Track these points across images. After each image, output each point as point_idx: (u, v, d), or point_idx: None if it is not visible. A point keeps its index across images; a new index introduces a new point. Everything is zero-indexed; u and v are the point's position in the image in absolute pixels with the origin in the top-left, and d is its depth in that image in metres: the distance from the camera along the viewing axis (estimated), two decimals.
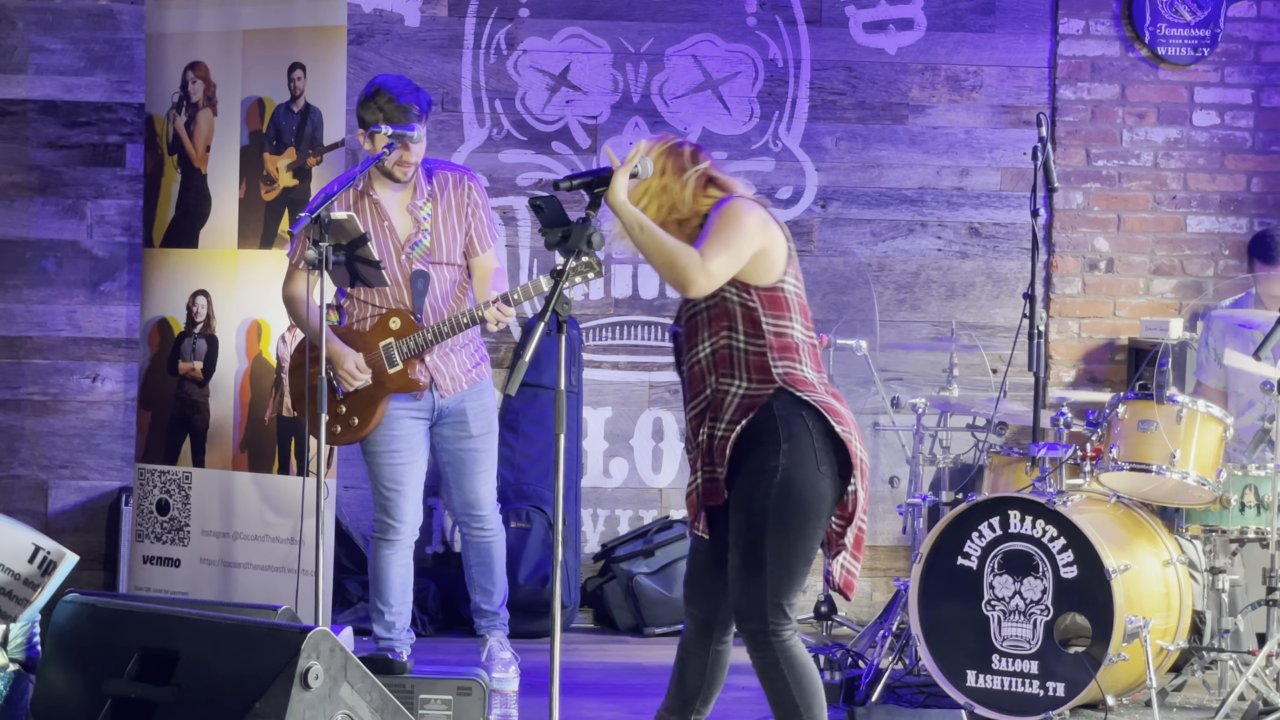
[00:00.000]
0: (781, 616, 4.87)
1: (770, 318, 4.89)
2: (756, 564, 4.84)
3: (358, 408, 6.58)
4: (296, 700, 4.14)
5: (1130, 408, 6.66)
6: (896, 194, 8.54)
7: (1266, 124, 8.63)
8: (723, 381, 4.89)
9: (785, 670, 4.87)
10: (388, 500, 6.60)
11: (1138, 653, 6.31)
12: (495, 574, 6.75)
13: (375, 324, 6.57)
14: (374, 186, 6.60)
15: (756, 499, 4.83)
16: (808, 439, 4.84)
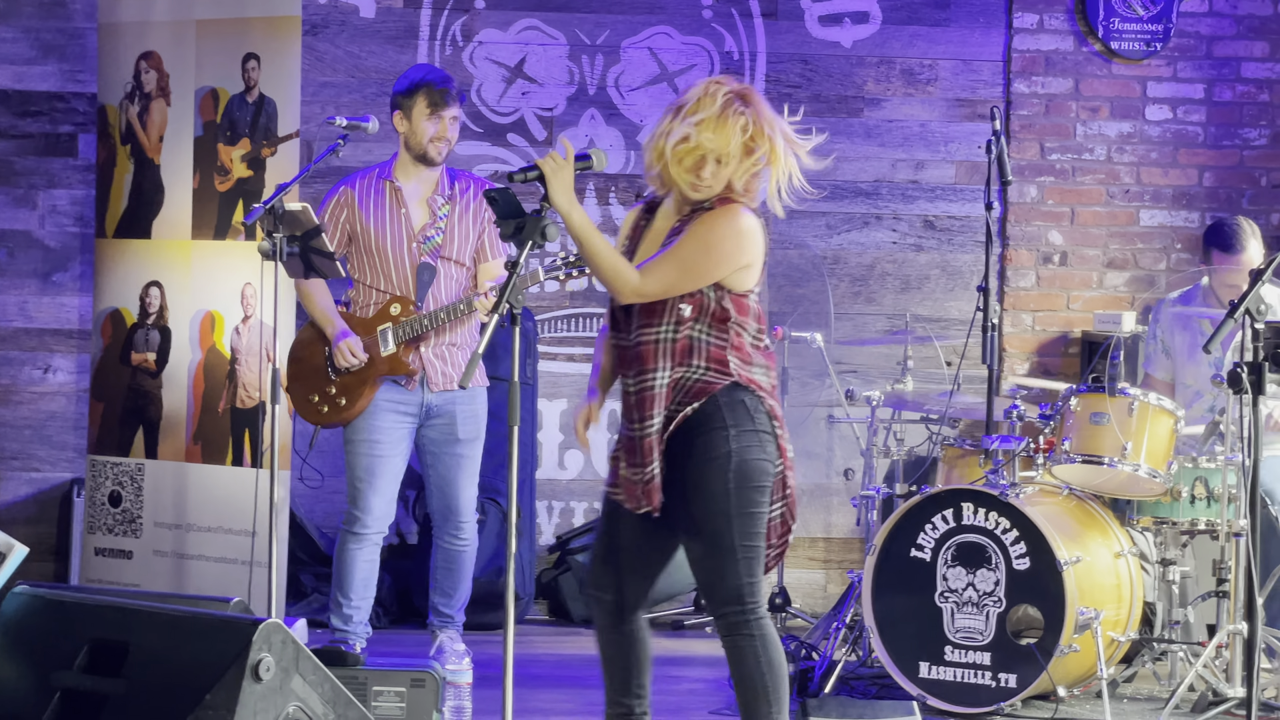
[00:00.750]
0: (755, 594, 4.92)
1: (738, 319, 4.91)
2: (727, 549, 4.86)
3: (347, 389, 6.57)
4: (248, 692, 4.12)
5: (1083, 400, 6.69)
6: (852, 187, 8.56)
7: (1218, 118, 8.68)
8: (679, 369, 4.89)
9: (759, 650, 4.89)
10: (358, 492, 6.58)
11: (1089, 644, 6.34)
12: (459, 580, 6.74)
13: (378, 310, 6.58)
14: (398, 174, 6.63)
15: (714, 486, 4.85)
16: (750, 423, 4.88)
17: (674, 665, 7.21)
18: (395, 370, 6.54)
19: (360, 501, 6.57)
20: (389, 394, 6.57)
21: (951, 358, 7.83)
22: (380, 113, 8.14)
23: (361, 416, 6.56)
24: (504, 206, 4.80)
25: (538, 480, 8.35)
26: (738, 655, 4.93)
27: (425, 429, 6.63)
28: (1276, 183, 8.69)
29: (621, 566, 5.03)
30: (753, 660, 4.91)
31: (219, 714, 4.09)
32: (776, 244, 8.49)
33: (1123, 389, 6.63)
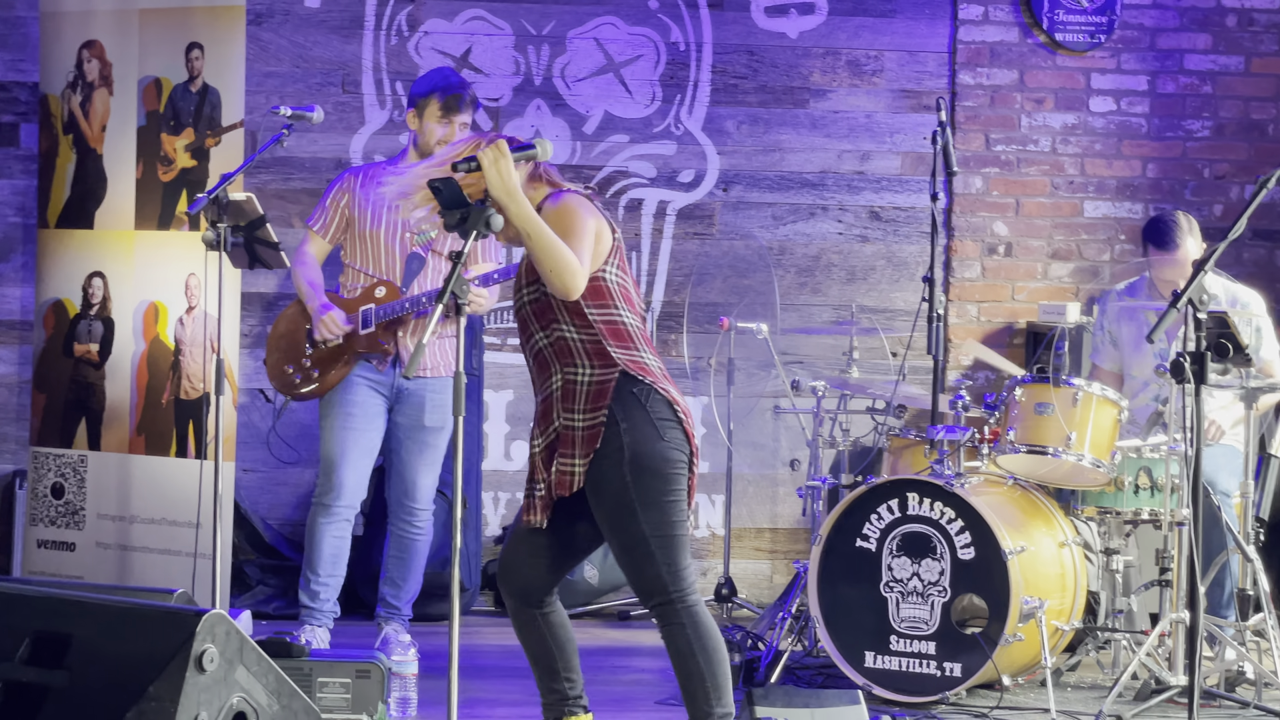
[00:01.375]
0: (680, 581, 4.91)
1: (594, 307, 4.92)
2: (639, 542, 4.89)
3: (322, 362, 6.64)
4: (191, 683, 4.11)
5: (1027, 391, 6.71)
6: (798, 178, 8.57)
7: (1162, 110, 8.73)
8: (568, 370, 4.93)
9: (692, 636, 4.90)
10: (331, 465, 6.63)
11: (1033, 633, 6.37)
12: (410, 571, 6.77)
13: (363, 291, 6.66)
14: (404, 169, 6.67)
15: (613, 483, 4.88)
16: (643, 413, 4.89)
17: (620, 655, 7.21)
18: (371, 348, 6.61)
19: (332, 475, 6.62)
20: (363, 372, 6.65)
21: (897, 348, 7.87)
22: (324, 102, 8.14)
23: (337, 390, 6.63)
24: (447, 197, 4.80)
25: (484, 471, 8.34)
26: (671, 643, 4.95)
27: (394, 414, 6.69)
28: (1219, 174, 8.74)
29: (528, 557, 5.06)
30: (685, 647, 4.93)
31: (162, 705, 4.07)
32: (722, 234, 8.52)
33: (1067, 379, 6.66)
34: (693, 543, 8.48)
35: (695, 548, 8.49)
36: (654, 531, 4.89)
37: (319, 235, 6.73)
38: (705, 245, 8.53)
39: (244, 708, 4.25)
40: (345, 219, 6.71)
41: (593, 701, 5.35)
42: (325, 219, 6.73)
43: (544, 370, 4.99)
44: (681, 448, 4.94)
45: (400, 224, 6.64)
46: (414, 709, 6.02)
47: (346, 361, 6.64)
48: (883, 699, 6.39)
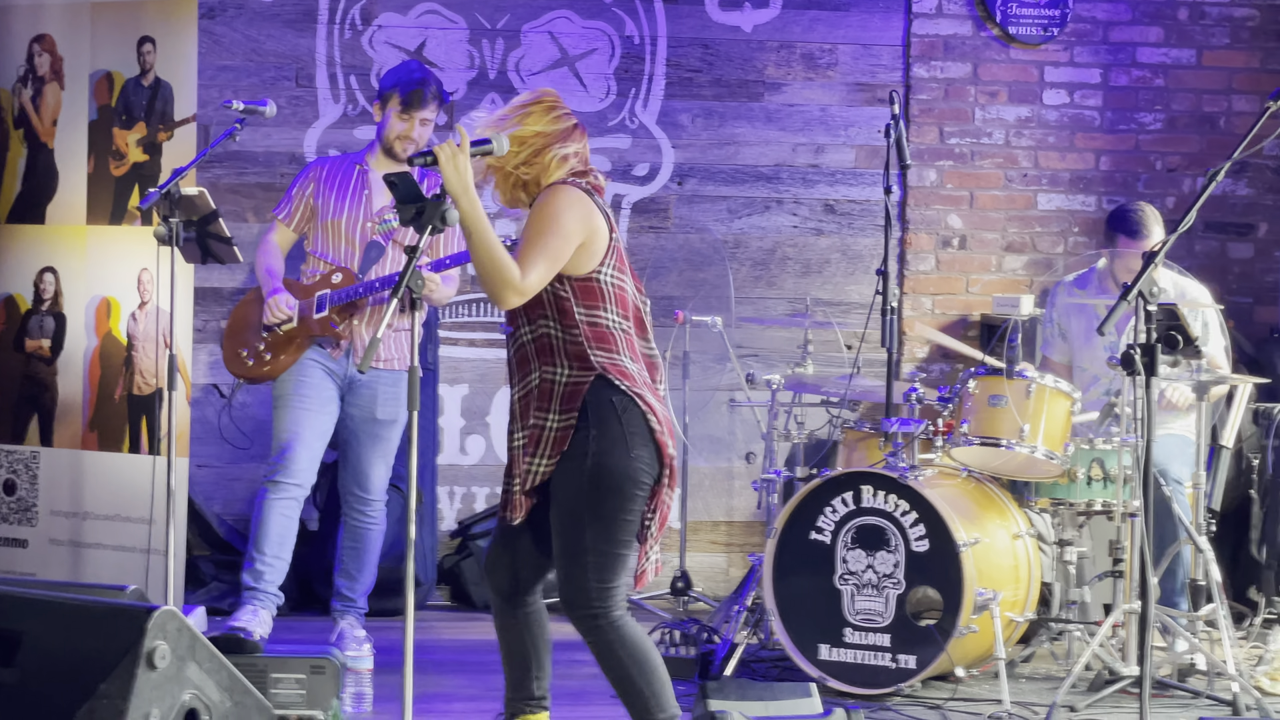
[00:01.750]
0: (608, 599, 4.85)
1: (583, 308, 4.87)
2: (578, 551, 4.84)
3: (274, 346, 6.68)
4: (142, 681, 4.10)
5: (981, 383, 6.74)
6: (752, 171, 8.58)
7: (1114, 103, 8.76)
8: (546, 370, 4.88)
9: (620, 651, 4.87)
10: (283, 444, 6.63)
11: (987, 625, 6.39)
12: (365, 562, 6.77)
13: (320, 277, 6.70)
14: (370, 160, 6.79)
15: (571, 487, 4.84)
16: (617, 426, 4.83)
17: (577, 650, 7.16)
18: (323, 332, 6.64)
19: (285, 452, 6.61)
20: (317, 356, 6.68)
21: (852, 341, 7.87)
22: (278, 96, 8.12)
23: (291, 371, 6.66)
24: (403, 191, 4.78)
25: (439, 466, 8.33)
26: (600, 659, 4.92)
27: (346, 404, 6.70)
28: (1171, 166, 8.78)
29: (511, 554, 5.03)
30: (615, 662, 4.90)
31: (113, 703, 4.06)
32: (677, 228, 8.53)
33: (1020, 371, 6.68)
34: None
35: None
36: (596, 545, 4.84)
37: (284, 224, 6.78)
38: (660, 239, 8.54)
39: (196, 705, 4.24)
40: (310, 208, 6.75)
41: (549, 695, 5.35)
42: (290, 208, 6.78)
43: (524, 366, 4.94)
44: (650, 467, 4.87)
45: (362, 213, 6.67)
46: (369, 704, 6.01)
47: (299, 345, 6.66)
48: (837, 691, 6.40)
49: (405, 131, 6.68)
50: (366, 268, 6.66)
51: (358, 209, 6.68)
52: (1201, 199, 4.66)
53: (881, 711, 6.26)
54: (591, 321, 4.87)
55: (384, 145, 6.73)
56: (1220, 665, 6.39)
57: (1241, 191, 8.84)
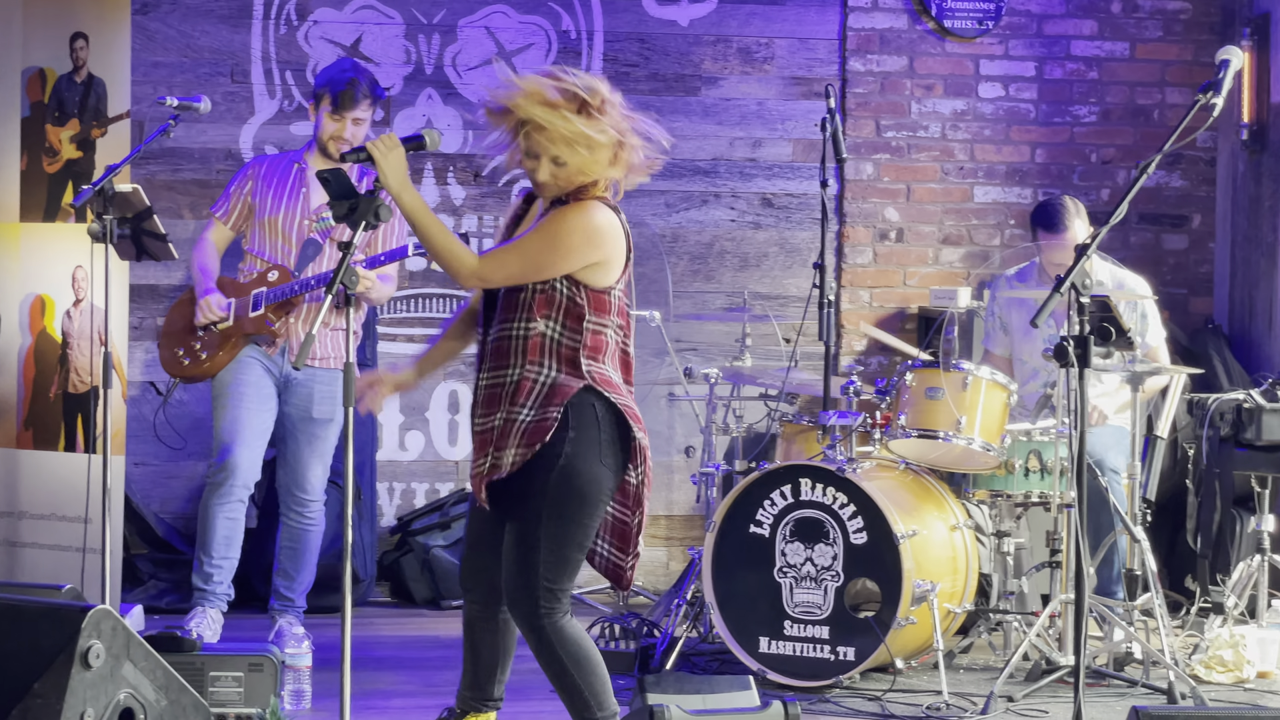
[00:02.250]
0: (552, 600, 4.83)
1: (594, 317, 4.87)
2: (530, 547, 4.82)
3: (212, 344, 6.66)
4: (77, 680, 4.08)
5: (918, 375, 6.76)
6: (690, 165, 8.59)
7: (1049, 96, 8.81)
8: (530, 368, 4.83)
9: (560, 650, 4.86)
10: (224, 445, 6.62)
11: (926, 616, 6.42)
12: (303, 562, 6.76)
13: (256, 275, 6.68)
14: (308, 158, 6.77)
15: (536, 483, 4.82)
16: (595, 432, 4.82)
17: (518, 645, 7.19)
18: (258, 330, 6.63)
19: (226, 455, 6.61)
20: (255, 353, 6.67)
21: (790, 335, 7.89)
22: (213, 92, 8.09)
23: (229, 370, 6.65)
24: (336, 187, 4.78)
25: (378, 462, 8.31)
26: (540, 659, 4.91)
27: (283, 404, 6.69)
28: (1106, 159, 8.83)
29: (488, 558, 4.99)
30: (555, 662, 4.89)
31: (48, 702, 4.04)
32: None
33: (956, 364, 6.71)
34: None
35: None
36: (549, 543, 4.82)
37: (221, 221, 6.77)
38: None
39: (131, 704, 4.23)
40: (247, 206, 6.74)
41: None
42: (228, 206, 6.78)
43: (502, 358, 4.87)
44: (615, 476, 4.86)
45: (299, 211, 6.66)
46: (308, 701, 5.99)
47: (235, 344, 6.64)
48: (778, 684, 6.42)
49: (337, 132, 6.68)
50: (303, 265, 6.64)
51: (295, 207, 6.67)
52: (1132, 191, 4.69)
53: (821, 703, 6.28)
54: (596, 330, 4.86)
55: (319, 145, 6.73)
56: (1156, 654, 6.43)
57: (1175, 183, 8.90)
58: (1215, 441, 7.69)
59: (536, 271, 4.82)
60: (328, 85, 6.69)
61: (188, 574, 7.81)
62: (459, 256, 4.82)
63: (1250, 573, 7.06)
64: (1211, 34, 8.86)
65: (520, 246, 4.84)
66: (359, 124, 6.71)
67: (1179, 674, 6.29)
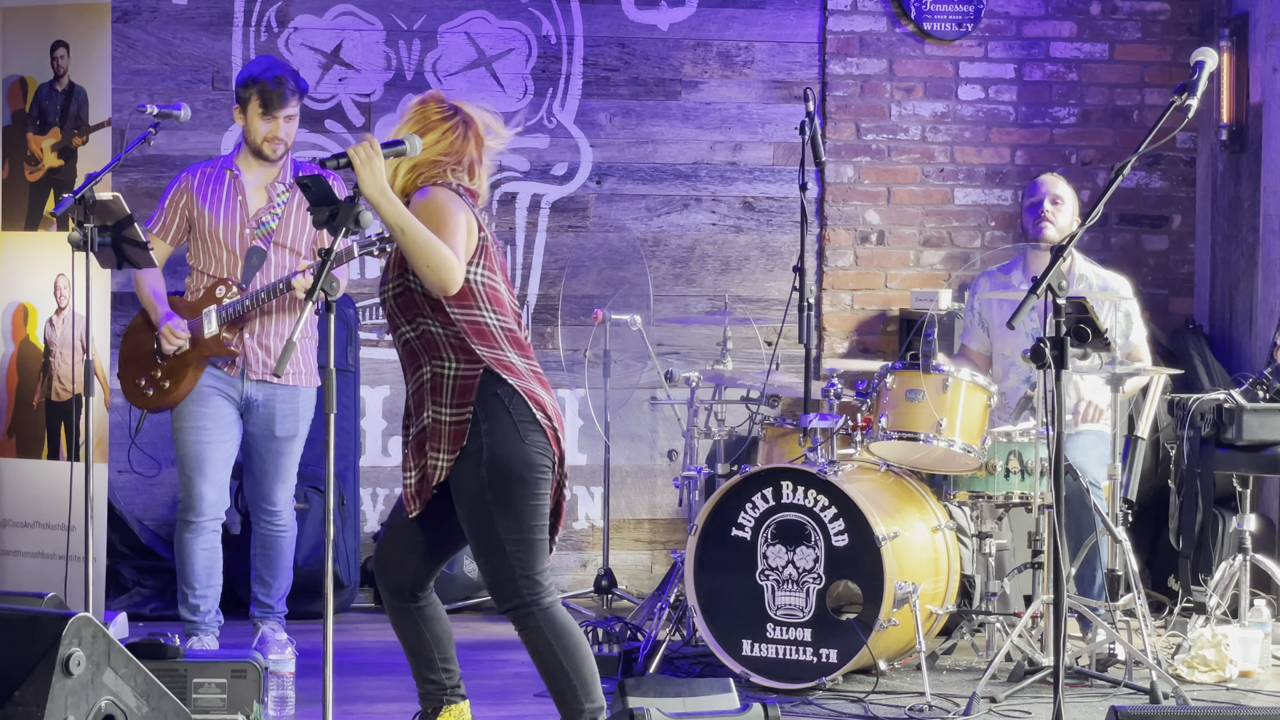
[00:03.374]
0: (535, 587, 4.91)
1: (456, 307, 4.91)
2: (494, 545, 4.88)
3: (172, 372, 6.61)
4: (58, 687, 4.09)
5: (898, 377, 6.78)
6: (671, 169, 8.60)
7: (1028, 98, 8.83)
8: (435, 363, 4.94)
9: (550, 639, 4.92)
10: (189, 480, 6.61)
11: (908, 618, 6.44)
12: (278, 568, 6.76)
13: (205, 292, 6.62)
14: (239, 163, 6.68)
15: (471, 483, 4.88)
16: (505, 415, 4.89)
17: (500, 649, 7.22)
18: (217, 351, 6.58)
19: (191, 489, 6.61)
20: (213, 380, 6.61)
21: (770, 338, 7.91)
22: (194, 100, 8.09)
23: (187, 401, 6.59)
24: (316, 193, 4.79)
25: (362, 467, 8.31)
26: (531, 648, 4.96)
27: (246, 423, 6.67)
28: (1086, 160, 8.86)
29: (404, 550, 5.07)
30: (546, 651, 4.94)
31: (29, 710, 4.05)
32: (596, 227, 8.54)
33: (937, 366, 6.73)
34: (571, 534, 8.50)
35: (574, 539, 8.52)
36: (510, 535, 4.89)
37: (159, 238, 6.66)
38: (580, 238, 8.55)
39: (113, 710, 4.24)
40: (185, 219, 6.66)
41: (473, 695, 5.37)
42: (165, 221, 6.69)
43: (413, 361, 5.00)
44: (545, 451, 4.93)
45: (240, 220, 6.60)
46: (292, 707, 6.00)
47: (196, 367, 6.59)
48: (761, 686, 6.43)
49: (271, 132, 6.60)
50: (249, 275, 6.59)
51: (234, 216, 6.60)
52: (1109, 192, 4.71)
53: (804, 706, 6.29)
54: (469, 320, 4.92)
55: (251, 148, 6.62)
56: (1139, 654, 6.45)
57: (1155, 184, 8.93)
58: (1196, 442, 7.71)
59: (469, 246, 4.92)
60: (254, 86, 6.58)
61: (172, 580, 7.81)
62: (448, 262, 4.83)
63: (1232, 572, 7.09)
64: (1190, 35, 8.89)
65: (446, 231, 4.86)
66: (291, 121, 6.64)
67: (1161, 674, 6.31)
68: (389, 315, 5.02)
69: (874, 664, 6.43)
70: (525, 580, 4.88)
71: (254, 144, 6.62)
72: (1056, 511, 4.68)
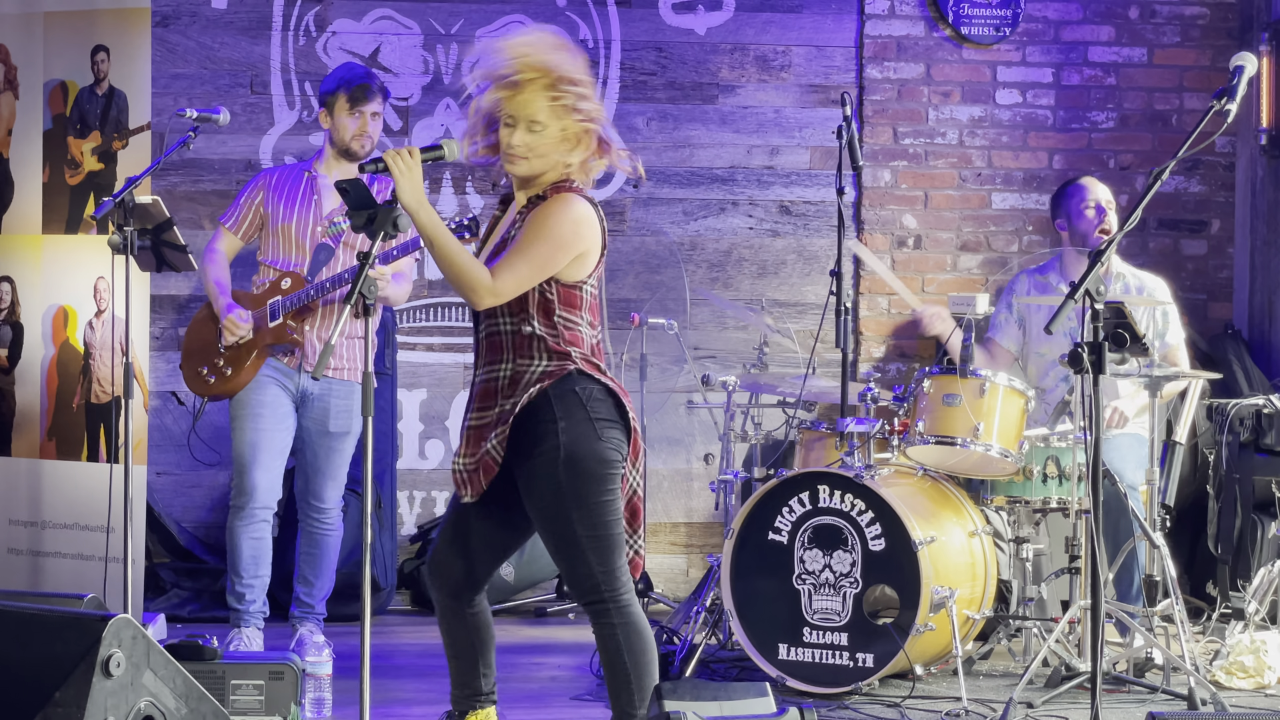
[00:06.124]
0: (614, 582, 4.89)
1: (563, 311, 4.91)
2: (572, 542, 4.87)
3: (233, 360, 6.67)
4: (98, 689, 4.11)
5: (935, 382, 6.77)
6: (707, 173, 8.61)
7: (1066, 102, 8.81)
8: (520, 361, 4.90)
9: (622, 637, 4.90)
10: (242, 467, 6.66)
11: (944, 622, 6.43)
12: (322, 568, 6.79)
13: (270, 285, 6.68)
14: (319, 167, 6.76)
15: (547, 481, 4.86)
16: (582, 413, 4.86)
17: (536, 652, 7.23)
18: (279, 339, 6.64)
19: (244, 477, 6.65)
20: (272, 370, 6.67)
21: (807, 342, 7.91)
22: (233, 104, 8.13)
23: (247, 390, 6.66)
24: (355, 197, 4.79)
25: (399, 470, 8.34)
26: (602, 642, 4.96)
27: (301, 416, 6.73)
28: (1124, 164, 8.84)
29: (462, 550, 5.05)
30: (614, 648, 4.94)
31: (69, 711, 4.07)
32: (633, 231, 8.55)
33: (974, 370, 6.71)
34: None
35: None
36: (587, 532, 4.87)
37: (230, 231, 6.77)
38: (616, 242, 8.56)
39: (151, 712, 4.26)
40: (260, 216, 6.75)
41: (508, 698, 5.37)
42: (239, 215, 6.78)
43: (495, 352, 4.93)
44: (619, 447, 4.90)
45: (311, 218, 6.67)
46: (329, 709, 6.01)
47: (258, 356, 6.66)
48: (796, 690, 6.43)
49: (360, 129, 6.68)
50: (315, 271, 6.66)
51: (307, 213, 6.69)
52: (1147, 197, 4.70)
53: (840, 710, 6.29)
54: (568, 325, 4.90)
55: (338, 147, 6.70)
56: (1176, 660, 6.43)
57: (1194, 189, 8.90)
58: (1235, 447, 7.69)
59: (543, 272, 4.85)
60: (341, 85, 6.68)
61: (210, 583, 7.86)
62: (475, 275, 4.82)
63: (1271, 578, 7.05)
64: (1229, 39, 8.86)
65: (523, 252, 4.84)
66: (376, 119, 6.72)
67: (1199, 680, 6.28)
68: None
69: (910, 669, 6.42)
70: (604, 574, 4.88)
71: (342, 142, 6.68)
72: (1094, 516, 4.68)
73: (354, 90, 6.66)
